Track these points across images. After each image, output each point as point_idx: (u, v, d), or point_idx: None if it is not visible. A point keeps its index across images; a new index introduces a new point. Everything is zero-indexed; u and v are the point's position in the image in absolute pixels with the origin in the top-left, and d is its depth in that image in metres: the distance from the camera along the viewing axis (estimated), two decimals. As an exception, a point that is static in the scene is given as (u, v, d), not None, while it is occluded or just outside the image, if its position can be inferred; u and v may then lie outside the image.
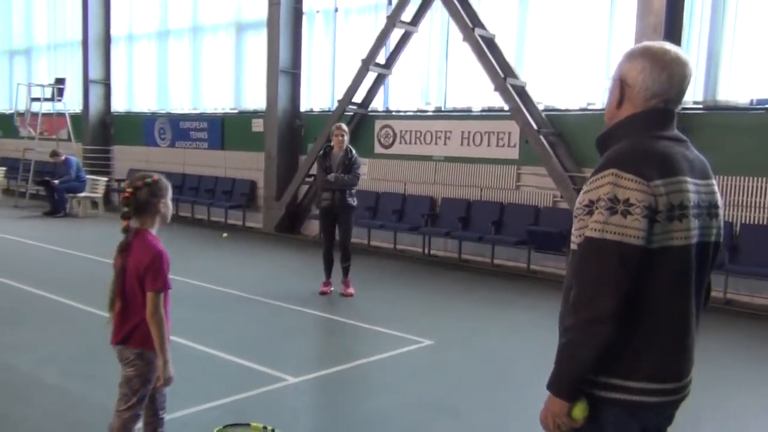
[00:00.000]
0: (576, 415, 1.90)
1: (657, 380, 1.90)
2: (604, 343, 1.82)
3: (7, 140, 19.61)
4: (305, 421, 4.14)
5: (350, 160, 7.36)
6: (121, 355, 3.00)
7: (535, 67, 10.04)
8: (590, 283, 1.83)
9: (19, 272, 8.07)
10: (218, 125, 14.26)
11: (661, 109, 1.95)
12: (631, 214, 1.79)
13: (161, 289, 2.88)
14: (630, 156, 1.86)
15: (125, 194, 2.92)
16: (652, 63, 1.92)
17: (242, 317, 6.67)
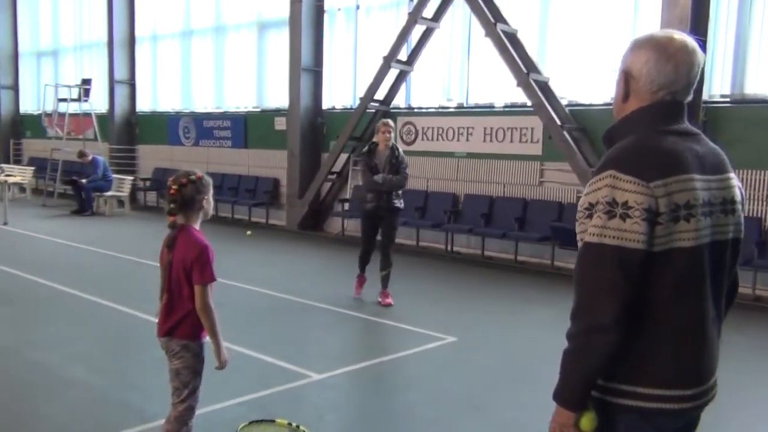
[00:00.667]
0: (584, 427, 1.81)
1: (671, 386, 1.80)
2: (607, 352, 1.74)
3: (35, 140, 19.96)
4: (330, 417, 4.16)
5: (397, 159, 6.86)
6: (167, 347, 3.05)
7: (559, 62, 9.95)
8: (590, 289, 1.76)
9: (48, 270, 8.21)
10: (241, 124, 14.36)
11: (668, 102, 1.84)
12: (630, 218, 1.71)
13: (209, 281, 2.95)
14: (629, 156, 1.77)
15: (170, 191, 2.99)
16: (657, 53, 1.82)
17: (266, 314, 6.72)
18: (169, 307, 3.01)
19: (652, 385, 1.79)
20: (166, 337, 3.04)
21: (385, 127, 6.88)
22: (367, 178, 6.87)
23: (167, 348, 3.05)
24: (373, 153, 6.91)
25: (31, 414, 4.07)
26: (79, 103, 16.52)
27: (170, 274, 3.01)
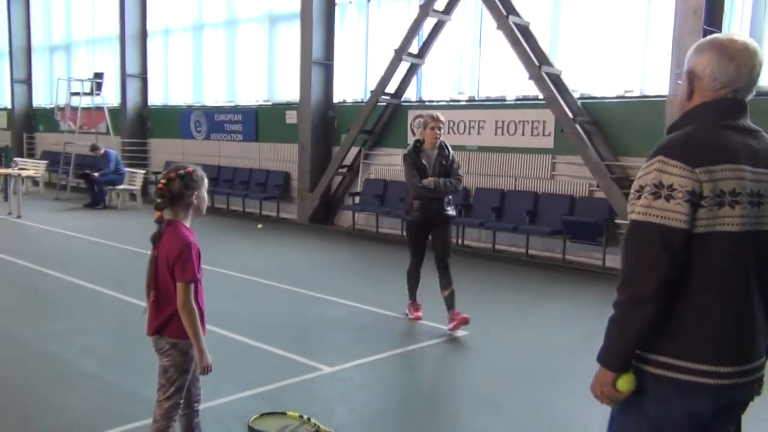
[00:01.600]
0: (621, 387, 1.98)
1: (703, 361, 1.91)
2: (647, 321, 1.90)
3: (48, 134, 20.10)
4: (340, 410, 4.16)
5: (448, 159, 5.88)
6: (156, 345, 3.01)
7: (571, 55, 9.88)
8: (634, 263, 1.93)
9: (61, 263, 8.27)
10: (252, 117, 14.38)
11: (729, 99, 1.97)
12: (674, 199, 1.86)
13: (190, 280, 2.87)
14: (679, 144, 1.93)
15: (159, 186, 2.93)
16: (720, 54, 1.95)
17: (277, 307, 6.73)
18: (157, 304, 2.95)
19: (685, 358, 1.92)
20: (156, 336, 2.99)
21: (434, 121, 5.82)
22: (413, 182, 5.82)
23: (156, 346, 3.00)
24: (420, 153, 5.86)
25: (45, 405, 4.10)
26: (92, 97, 16.62)
27: (156, 271, 2.95)
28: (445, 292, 5.85)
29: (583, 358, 2.67)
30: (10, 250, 8.95)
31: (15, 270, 8.03)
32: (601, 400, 2.04)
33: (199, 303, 2.95)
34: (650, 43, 9.09)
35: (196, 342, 2.89)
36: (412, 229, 6.12)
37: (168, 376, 2.99)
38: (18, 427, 3.80)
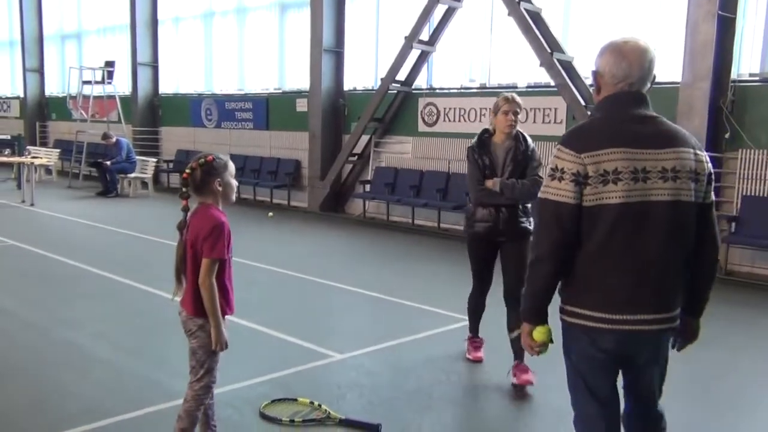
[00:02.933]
0: (536, 337, 2.37)
1: (599, 309, 2.29)
2: (545, 277, 2.32)
3: (60, 123, 20.20)
4: (351, 396, 4.18)
5: (525, 153, 4.49)
6: (185, 327, 3.06)
7: (583, 41, 9.79)
8: (538, 229, 2.35)
9: (74, 250, 8.33)
10: (263, 106, 14.38)
11: (626, 91, 2.33)
12: (563, 179, 2.26)
13: (217, 257, 2.92)
14: (572, 134, 2.34)
15: (183, 175, 3.00)
16: (615, 55, 2.34)
17: (289, 295, 6.76)
18: (194, 285, 2.99)
19: (584, 307, 2.32)
20: (187, 316, 3.04)
21: (507, 104, 4.42)
22: (473, 184, 4.54)
23: (186, 327, 3.05)
24: (486, 147, 4.54)
25: (59, 390, 4.15)
26: (103, 86, 16.67)
27: (186, 255, 3.01)
28: (512, 334, 4.44)
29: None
30: (24, 238, 9.03)
31: (29, 257, 8.11)
32: (527, 351, 2.47)
33: (227, 282, 3.04)
34: (663, 29, 8.98)
35: (213, 318, 2.95)
36: (473, 246, 4.72)
37: (197, 358, 3.05)
38: (33, 411, 3.85)
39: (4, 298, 6.19)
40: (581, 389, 2.43)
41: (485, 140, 4.56)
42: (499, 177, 4.45)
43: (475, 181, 4.52)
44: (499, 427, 3.84)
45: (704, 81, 8.22)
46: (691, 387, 4.59)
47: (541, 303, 2.35)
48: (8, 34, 22.59)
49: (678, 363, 4.83)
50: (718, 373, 4.92)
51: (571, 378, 2.47)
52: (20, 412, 3.84)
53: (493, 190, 4.44)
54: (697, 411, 4.21)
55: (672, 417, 3.31)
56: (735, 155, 8.32)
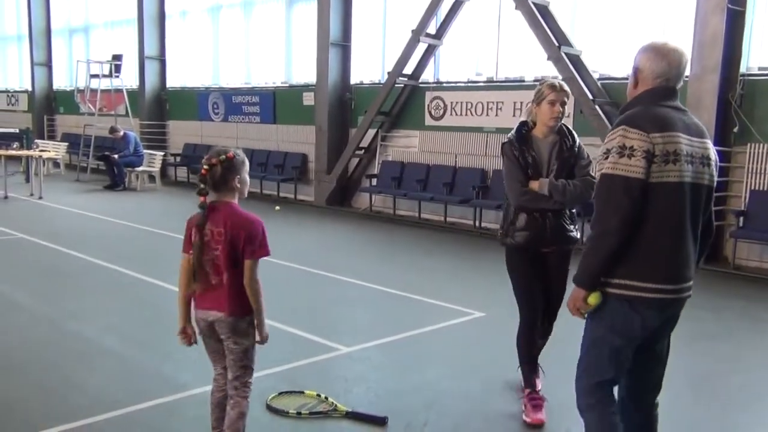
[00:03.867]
0: (590, 302, 2.59)
1: (646, 281, 2.53)
2: (611, 249, 2.50)
3: (68, 116, 20.27)
4: (358, 390, 4.20)
5: (571, 150, 3.85)
6: (231, 329, 2.95)
7: (591, 35, 9.75)
8: (604, 205, 2.52)
9: (83, 243, 8.38)
10: (270, 99, 14.39)
11: (664, 86, 2.61)
12: (634, 156, 2.47)
13: (264, 256, 2.94)
14: (636, 117, 2.54)
15: (202, 171, 2.92)
16: (655, 54, 2.62)
17: (295, 288, 6.78)
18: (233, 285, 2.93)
19: (638, 279, 2.54)
20: (233, 318, 2.95)
21: (553, 92, 3.78)
22: (514, 186, 3.81)
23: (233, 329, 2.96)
24: (526, 142, 3.86)
25: (69, 382, 4.19)
26: (111, 79, 16.71)
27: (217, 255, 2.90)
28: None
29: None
30: (33, 231, 9.09)
31: (37, 250, 8.16)
32: (573, 313, 2.66)
33: None
34: (672, 22, 8.94)
35: (262, 316, 3.00)
36: (514, 260, 3.91)
37: (249, 356, 3.03)
38: (43, 402, 3.89)
39: (14, 291, 6.24)
40: (605, 358, 2.65)
41: (524, 135, 3.87)
42: (545, 177, 3.77)
43: (517, 183, 3.76)
44: (505, 421, 3.85)
45: (713, 74, 8.18)
46: (698, 381, 4.59)
47: (600, 272, 2.55)
48: (16, 28, 22.65)
49: (684, 357, 4.85)
50: (724, 367, 4.91)
51: (597, 347, 2.67)
52: (31, 403, 3.88)
53: (539, 194, 3.74)
54: (703, 405, 4.21)
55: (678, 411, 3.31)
56: (743, 149, 8.28)
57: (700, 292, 2.57)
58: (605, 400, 2.71)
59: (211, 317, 2.97)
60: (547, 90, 3.81)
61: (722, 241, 8.49)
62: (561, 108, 3.79)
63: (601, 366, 2.68)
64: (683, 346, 5.10)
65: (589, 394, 2.72)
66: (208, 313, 2.98)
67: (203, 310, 2.99)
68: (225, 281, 2.93)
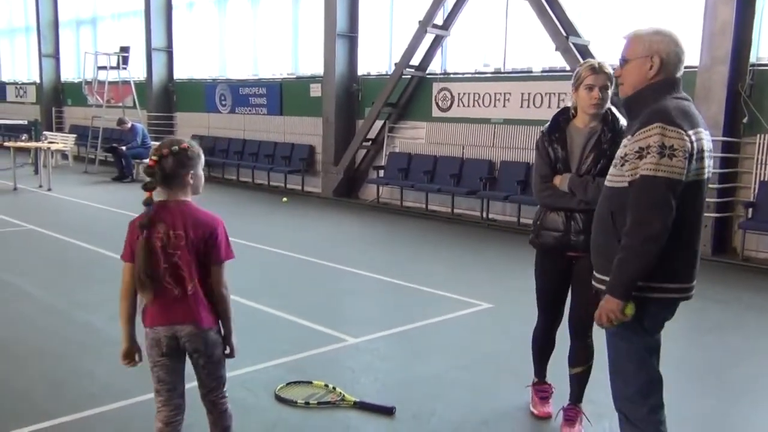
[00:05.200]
0: (628, 312, 2.43)
1: (683, 281, 2.50)
2: (655, 255, 2.37)
3: (76, 108, 20.33)
4: (365, 380, 4.22)
5: (611, 141, 3.30)
6: (206, 341, 2.62)
7: (599, 25, 9.69)
8: (646, 210, 2.36)
9: (91, 235, 8.42)
10: (277, 91, 14.38)
11: (676, 77, 2.53)
12: (675, 156, 2.33)
13: (229, 258, 2.62)
14: (670, 113, 2.39)
15: (149, 163, 2.54)
16: (675, 42, 2.52)
17: (303, 279, 6.80)
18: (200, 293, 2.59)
19: (674, 281, 2.48)
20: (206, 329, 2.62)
21: (595, 75, 3.32)
22: (540, 181, 3.50)
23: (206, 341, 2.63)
24: (561, 131, 3.47)
25: (79, 372, 4.22)
26: (118, 71, 16.73)
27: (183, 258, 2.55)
28: (574, 369, 3.60)
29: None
30: (42, 222, 9.14)
31: (47, 241, 8.21)
32: (602, 325, 2.51)
33: None
34: (681, 12, 8.87)
35: (231, 324, 2.68)
36: (537, 260, 3.66)
37: (222, 364, 2.73)
38: (54, 391, 3.92)
39: (24, 282, 6.28)
40: (647, 361, 2.55)
41: (562, 124, 3.47)
42: (573, 172, 3.37)
43: (539, 178, 3.47)
44: (513, 413, 3.85)
45: (722, 64, 8.11)
46: (706, 373, 4.58)
47: (639, 280, 2.42)
48: (24, 20, 22.70)
49: (693, 349, 4.83)
50: (733, 358, 4.90)
51: (639, 353, 2.55)
52: (41, 391, 3.91)
53: (560, 190, 3.38)
54: (711, 396, 4.21)
55: (687, 403, 3.31)
56: (753, 140, 8.22)
57: (708, 284, 2.57)
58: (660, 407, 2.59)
59: (178, 332, 2.60)
60: (585, 72, 3.34)
61: (731, 233, 8.45)
62: (601, 93, 3.30)
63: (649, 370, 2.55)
64: (692, 338, 5.08)
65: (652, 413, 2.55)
66: (173, 328, 2.59)
67: (166, 326, 2.60)
68: (191, 290, 2.57)
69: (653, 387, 2.57)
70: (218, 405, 2.77)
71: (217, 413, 2.79)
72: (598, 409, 3.79)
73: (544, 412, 3.76)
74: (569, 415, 3.57)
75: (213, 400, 2.75)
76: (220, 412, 2.79)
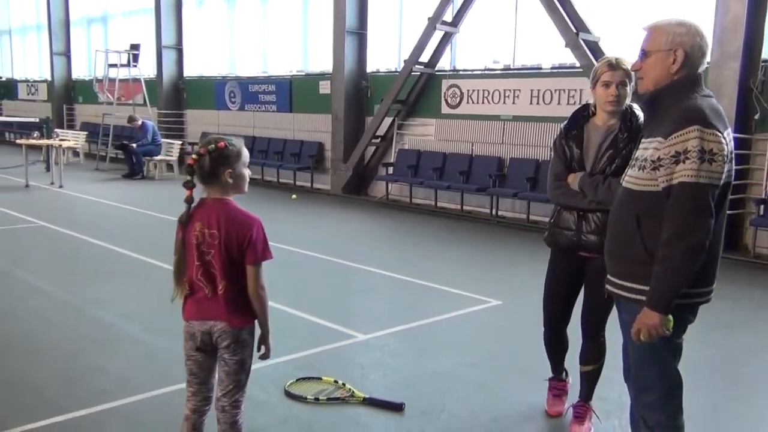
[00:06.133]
0: (668, 326, 2.33)
1: (707, 285, 2.44)
2: (699, 265, 2.28)
3: (87, 106, 20.44)
4: (375, 376, 4.24)
5: (629, 139, 3.21)
6: (236, 339, 2.64)
7: (609, 21, 9.65)
8: (689, 218, 2.25)
9: (102, 231, 8.48)
10: (286, 88, 14.41)
11: (698, 73, 2.42)
12: (715, 162, 2.24)
13: (267, 258, 2.66)
14: (705, 114, 2.27)
15: (188, 162, 2.59)
16: (699, 35, 2.40)
17: (313, 276, 6.83)
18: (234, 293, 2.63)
19: (706, 285, 2.42)
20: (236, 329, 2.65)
21: (611, 72, 3.23)
22: (552, 179, 3.46)
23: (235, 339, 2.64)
24: (577, 128, 3.42)
25: (92, 367, 4.26)
26: (129, 69, 16.81)
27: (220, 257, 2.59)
28: (585, 367, 3.57)
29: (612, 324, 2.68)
30: (54, 219, 9.21)
31: (58, 238, 8.28)
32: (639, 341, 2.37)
33: None
34: (692, 7, 8.81)
35: (269, 325, 2.72)
36: (550, 259, 3.60)
37: (246, 369, 2.69)
38: (67, 386, 3.96)
39: (38, 279, 6.34)
40: (671, 365, 2.50)
41: (580, 121, 3.41)
42: (588, 170, 3.30)
43: (552, 176, 3.42)
44: (522, 409, 3.86)
45: (734, 60, 8.07)
46: (716, 371, 4.57)
47: (680, 292, 2.31)
48: (35, 18, 22.83)
49: (703, 347, 4.82)
50: (743, 356, 4.89)
51: (662, 359, 2.48)
52: (55, 387, 3.96)
53: (572, 189, 3.32)
54: (721, 393, 4.20)
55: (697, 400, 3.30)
56: (764, 137, 8.17)
57: (719, 281, 2.54)
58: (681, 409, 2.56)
59: (209, 328, 2.64)
60: (602, 69, 3.25)
61: (742, 230, 8.41)
62: (619, 90, 3.20)
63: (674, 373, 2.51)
64: (702, 335, 5.06)
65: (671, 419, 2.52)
66: (205, 324, 2.64)
67: (200, 321, 2.65)
68: (221, 290, 2.60)
69: (674, 394, 2.51)
70: (227, 413, 2.68)
71: (225, 423, 2.69)
72: (608, 407, 3.80)
73: (554, 411, 3.77)
74: (579, 413, 3.58)
75: (224, 406, 2.68)
76: (228, 424, 2.68)
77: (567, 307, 3.58)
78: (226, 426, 2.71)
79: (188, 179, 2.59)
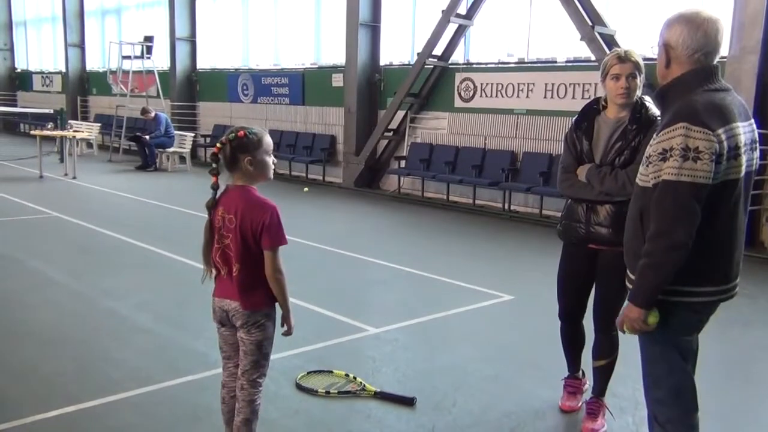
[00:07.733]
0: (651, 321, 2.35)
1: (715, 284, 2.37)
2: (679, 263, 2.24)
3: (101, 97, 20.54)
4: (386, 370, 4.23)
5: (638, 131, 3.23)
6: (248, 319, 2.77)
7: (625, 14, 9.55)
8: (668, 217, 2.23)
9: (115, 223, 8.52)
10: (299, 81, 14.39)
11: (703, 64, 2.32)
12: (700, 159, 2.18)
13: (282, 244, 2.74)
14: (695, 110, 2.22)
15: (214, 149, 2.76)
16: (688, 25, 2.31)
17: (324, 269, 6.82)
18: (247, 276, 2.75)
19: (705, 285, 2.36)
20: (249, 311, 2.77)
21: (621, 64, 3.23)
22: (561, 172, 3.48)
23: (248, 321, 2.78)
24: (586, 121, 3.41)
25: (105, 358, 4.28)
26: (142, 60, 16.87)
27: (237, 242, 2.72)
28: (598, 361, 3.53)
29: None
30: (68, 210, 9.27)
31: (72, 229, 8.32)
32: (623, 331, 2.44)
33: None
34: (710, 2, 8.70)
35: (288, 305, 2.83)
36: (567, 253, 3.57)
37: (263, 351, 2.82)
38: (80, 377, 3.98)
39: (52, 269, 6.38)
40: (679, 364, 2.44)
41: (591, 114, 3.41)
42: (597, 162, 3.31)
43: (562, 168, 3.45)
44: (535, 404, 3.84)
45: (753, 54, 7.96)
46: (731, 367, 4.53)
47: (662, 288, 2.31)
48: (51, 10, 22.95)
49: (717, 343, 4.77)
50: (759, 353, 4.84)
51: (670, 357, 2.44)
52: (68, 377, 3.98)
53: (580, 181, 3.34)
54: (736, 391, 4.16)
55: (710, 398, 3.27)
56: (782, 132, 8.06)
57: (734, 278, 2.50)
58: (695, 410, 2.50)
59: (226, 306, 2.80)
60: (611, 61, 3.26)
61: (759, 227, 8.31)
62: (628, 83, 3.21)
63: (678, 375, 2.45)
64: (717, 332, 5.01)
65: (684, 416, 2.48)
66: (223, 301, 2.81)
67: (219, 299, 2.84)
68: (235, 273, 2.74)
69: (684, 391, 2.47)
70: (245, 391, 2.82)
71: (242, 401, 2.84)
72: (621, 403, 3.77)
73: (567, 406, 3.74)
74: (591, 409, 3.54)
75: (242, 384, 2.83)
76: (245, 402, 2.83)
77: (580, 301, 3.58)
78: (243, 403, 2.84)
79: (213, 166, 2.76)
